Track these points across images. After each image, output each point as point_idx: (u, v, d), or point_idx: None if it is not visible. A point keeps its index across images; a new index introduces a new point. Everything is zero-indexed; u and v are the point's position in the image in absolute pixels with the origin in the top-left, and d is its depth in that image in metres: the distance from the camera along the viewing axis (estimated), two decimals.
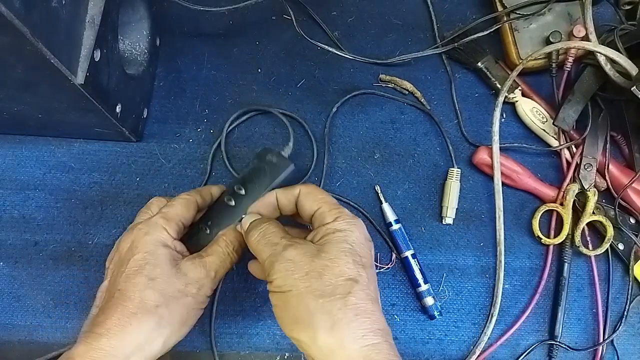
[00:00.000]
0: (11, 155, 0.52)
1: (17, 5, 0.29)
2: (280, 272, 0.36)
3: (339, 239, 0.37)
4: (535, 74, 0.56)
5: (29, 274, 0.49)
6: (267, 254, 0.38)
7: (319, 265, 0.36)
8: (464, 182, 0.53)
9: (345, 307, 0.35)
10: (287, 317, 0.36)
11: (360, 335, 0.34)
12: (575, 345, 0.51)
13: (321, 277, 0.35)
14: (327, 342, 0.34)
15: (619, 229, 0.52)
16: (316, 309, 0.34)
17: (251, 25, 0.57)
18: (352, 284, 0.36)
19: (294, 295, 0.35)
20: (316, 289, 0.35)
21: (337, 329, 0.34)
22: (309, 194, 0.42)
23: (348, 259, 0.37)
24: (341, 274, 0.36)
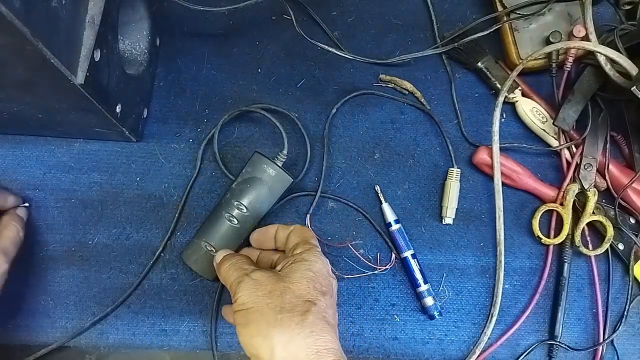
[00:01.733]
0: (11, 155, 0.52)
1: (17, 5, 0.29)
2: (244, 290, 0.39)
3: (303, 266, 0.40)
4: (535, 74, 0.56)
5: (29, 274, 0.49)
6: (234, 277, 0.40)
7: (281, 286, 0.39)
8: (464, 182, 0.53)
9: (302, 322, 0.37)
10: (248, 334, 0.38)
11: (314, 351, 0.36)
12: (575, 345, 0.51)
13: (282, 295, 0.38)
14: (282, 357, 0.36)
15: (619, 229, 0.52)
16: (275, 322, 0.37)
17: (251, 25, 0.57)
18: (310, 305, 0.38)
19: (255, 310, 0.38)
20: (277, 305, 0.37)
21: (293, 344, 0.36)
22: (298, 230, 0.45)
23: (309, 284, 0.39)
24: (301, 296, 0.38)
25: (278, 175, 0.47)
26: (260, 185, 0.47)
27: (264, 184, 0.47)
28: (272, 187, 0.48)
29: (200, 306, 0.50)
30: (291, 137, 0.54)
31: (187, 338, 0.49)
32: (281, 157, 0.49)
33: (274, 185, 0.48)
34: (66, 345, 0.48)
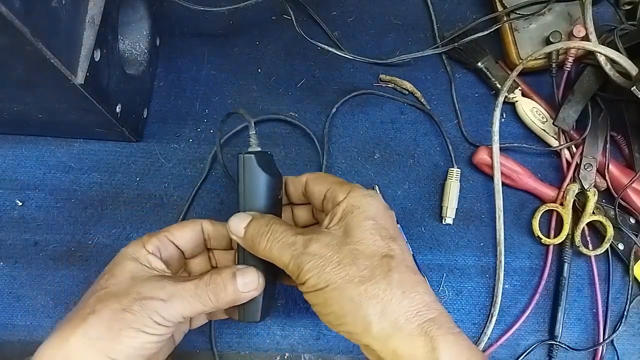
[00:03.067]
0: (11, 155, 0.52)
1: (17, 5, 0.29)
2: (310, 271, 0.34)
3: (358, 217, 0.35)
4: (535, 74, 0.56)
5: (29, 274, 0.49)
6: (287, 258, 0.35)
7: (347, 251, 0.34)
8: (464, 182, 0.53)
9: (389, 286, 0.33)
10: (332, 314, 0.34)
11: (414, 313, 0.32)
12: (575, 345, 0.51)
13: (355, 262, 0.33)
14: (380, 329, 0.32)
15: (619, 229, 0.52)
16: (361, 297, 0.32)
17: (251, 25, 0.57)
18: (389, 261, 0.34)
19: (332, 289, 0.33)
20: (354, 277, 0.33)
21: (389, 312, 0.32)
22: (316, 178, 0.40)
23: (375, 236, 0.34)
24: (374, 253, 0.34)
25: (242, 161, 0.39)
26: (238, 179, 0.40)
27: (239, 176, 0.40)
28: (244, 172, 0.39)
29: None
30: (291, 137, 0.54)
31: (187, 338, 0.48)
32: (252, 142, 0.40)
33: (243, 171, 0.39)
34: None
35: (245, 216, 0.38)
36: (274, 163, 0.41)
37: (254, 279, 0.38)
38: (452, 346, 0.32)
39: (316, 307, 0.35)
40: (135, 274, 0.37)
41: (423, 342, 0.32)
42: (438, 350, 0.32)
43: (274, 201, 0.40)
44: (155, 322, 0.35)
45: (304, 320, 0.50)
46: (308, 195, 0.40)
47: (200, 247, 0.43)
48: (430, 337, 0.32)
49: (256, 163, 0.39)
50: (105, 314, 0.34)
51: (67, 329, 0.34)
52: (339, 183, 0.38)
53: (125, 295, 0.35)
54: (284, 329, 0.49)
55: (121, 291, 0.35)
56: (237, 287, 0.37)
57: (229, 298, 0.37)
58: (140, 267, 0.38)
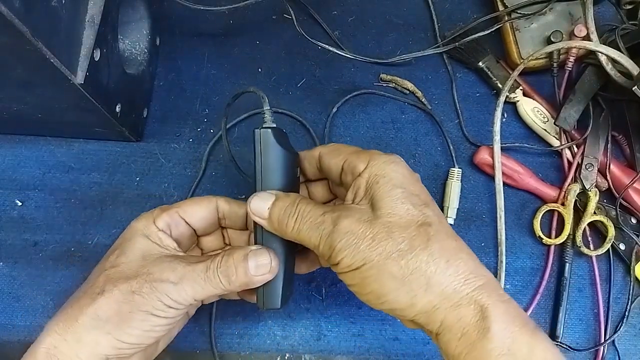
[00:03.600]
0: (11, 155, 0.52)
1: (17, 5, 0.29)
2: (343, 251, 0.32)
3: (385, 186, 0.33)
4: (536, 74, 0.56)
5: (29, 274, 0.49)
6: (317, 238, 0.33)
7: (380, 225, 0.32)
8: (464, 182, 0.53)
9: (431, 256, 0.31)
10: (372, 293, 0.32)
11: (462, 281, 0.31)
12: (577, 346, 0.51)
13: (390, 236, 0.31)
14: (427, 302, 0.31)
15: (620, 229, 0.52)
16: (402, 272, 0.31)
17: (251, 25, 0.57)
18: (427, 229, 0.32)
19: (370, 267, 0.31)
20: (391, 252, 0.31)
21: (435, 284, 0.31)
22: (331, 151, 0.38)
23: (406, 204, 0.32)
24: (409, 223, 0.32)
25: (257, 137, 0.37)
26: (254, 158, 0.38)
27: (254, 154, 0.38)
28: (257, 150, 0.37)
29: (199, 306, 0.49)
30: (292, 137, 0.54)
31: (187, 338, 0.49)
32: (267, 119, 0.39)
33: (257, 149, 0.37)
34: None
35: (268, 196, 0.35)
36: (288, 140, 0.39)
37: (266, 261, 0.36)
38: (503, 314, 0.31)
39: (353, 288, 0.33)
40: (146, 253, 0.36)
41: (472, 310, 0.31)
42: (489, 318, 0.30)
43: (293, 179, 0.38)
44: (165, 305, 0.34)
45: (305, 320, 0.50)
46: (324, 169, 0.38)
47: (214, 225, 0.41)
48: (479, 305, 0.31)
49: (274, 138, 0.37)
50: (114, 296, 0.34)
51: (76, 307, 0.34)
52: (355, 152, 0.36)
53: (135, 276, 0.34)
54: (285, 330, 0.49)
55: (131, 271, 0.35)
56: (248, 270, 0.35)
57: (241, 281, 0.35)
58: (151, 245, 0.37)
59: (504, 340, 0.30)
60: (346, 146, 0.38)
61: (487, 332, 0.30)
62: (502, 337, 0.30)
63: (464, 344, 0.31)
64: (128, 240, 0.37)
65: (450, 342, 0.31)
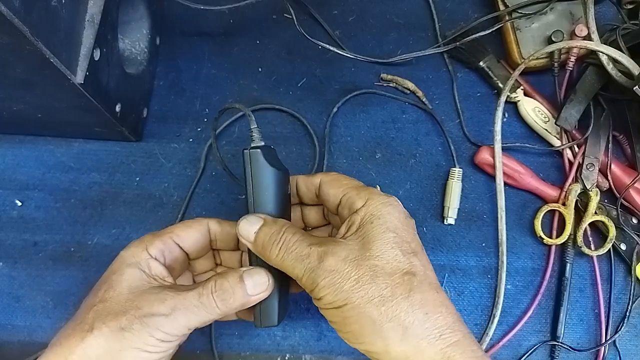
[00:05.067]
0: (11, 155, 0.52)
1: (16, 5, 0.29)
2: (327, 288, 0.32)
3: (378, 228, 0.33)
4: (537, 74, 0.56)
5: (29, 274, 0.49)
6: (301, 271, 0.33)
7: (366, 267, 0.32)
8: (465, 182, 0.53)
9: (411, 307, 0.31)
10: (351, 333, 0.33)
11: (437, 336, 0.31)
12: (578, 346, 0.50)
13: (374, 280, 0.32)
14: (401, 351, 0.31)
15: (621, 229, 0.52)
16: (381, 318, 0.31)
17: (252, 24, 0.57)
18: (411, 279, 0.32)
19: (351, 308, 0.32)
20: (373, 296, 0.31)
21: (410, 335, 0.31)
22: (332, 181, 0.38)
23: (396, 250, 0.33)
24: (395, 270, 0.32)
25: (246, 158, 0.37)
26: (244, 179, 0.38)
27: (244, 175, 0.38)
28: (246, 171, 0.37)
29: None
30: (292, 137, 0.54)
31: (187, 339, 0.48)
32: (255, 137, 0.38)
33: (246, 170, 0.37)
34: None
35: (256, 220, 0.36)
36: (278, 157, 0.39)
37: (263, 280, 0.36)
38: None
39: (334, 324, 0.34)
40: (133, 285, 0.35)
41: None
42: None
43: (284, 198, 0.38)
44: (157, 339, 0.33)
45: (305, 321, 0.49)
46: (322, 198, 0.38)
47: (206, 248, 0.41)
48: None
49: (263, 158, 0.37)
50: (104, 334, 0.33)
51: (65, 346, 0.34)
52: (355, 188, 0.36)
53: (123, 312, 0.33)
54: (285, 330, 0.49)
55: (119, 307, 0.34)
56: (246, 290, 0.35)
57: (238, 303, 0.35)
58: (139, 275, 0.36)
59: None
60: (347, 178, 0.38)
61: None
62: None
63: None
64: (115, 273, 0.36)
65: None
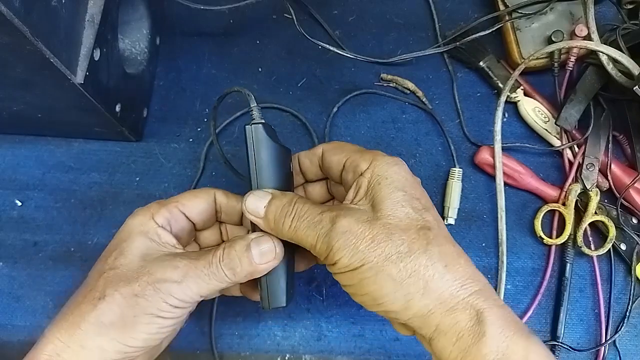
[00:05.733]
0: (11, 155, 0.52)
1: (16, 5, 0.29)
2: (342, 250, 0.31)
3: (387, 188, 0.33)
4: (537, 74, 0.56)
5: (29, 274, 0.49)
6: (314, 237, 0.32)
7: (380, 226, 0.31)
8: (465, 182, 0.53)
9: (430, 260, 0.31)
10: (369, 295, 0.32)
11: (458, 287, 0.31)
12: (578, 346, 0.50)
13: (390, 238, 0.31)
14: (423, 305, 0.30)
15: (621, 229, 0.52)
16: (401, 275, 0.30)
17: (252, 24, 0.57)
18: (426, 232, 0.32)
19: (369, 268, 0.31)
20: (391, 253, 0.31)
21: (432, 289, 0.30)
22: (334, 148, 0.37)
23: (407, 208, 0.32)
24: (409, 227, 0.31)
25: (247, 133, 0.37)
26: None
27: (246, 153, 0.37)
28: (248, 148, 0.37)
29: (199, 307, 0.49)
30: (292, 137, 0.54)
31: (187, 339, 0.48)
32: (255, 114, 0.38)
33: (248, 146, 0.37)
34: None
35: (264, 194, 0.35)
36: (277, 136, 0.39)
37: (270, 247, 0.35)
38: (499, 318, 0.31)
39: (350, 289, 0.33)
40: (145, 253, 0.35)
41: (468, 315, 0.31)
42: (485, 323, 0.30)
43: (288, 175, 0.38)
44: (171, 305, 0.33)
45: (305, 321, 0.49)
46: (325, 166, 0.38)
47: (212, 219, 0.40)
48: (475, 310, 0.31)
49: (265, 133, 0.36)
50: (116, 300, 0.33)
51: (77, 314, 0.33)
52: (359, 151, 0.36)
53: (136, 278, 0.33)
54: (285, 330, 0.49)
55: (131, 273, 0.34)
56: (253, 259, 0.34)
57: (246, 271, 0.34)
58: (150, 243, 0.35)
59: (499, 345, 0.30)
60: (349, 144, 0.38)
61: (483, 336, 0.30)
62: (497, 341, 0.30)
63: (458, 348, 0.31)
64: (125, 240, 0.36)
65: (444, 347, 0.31)
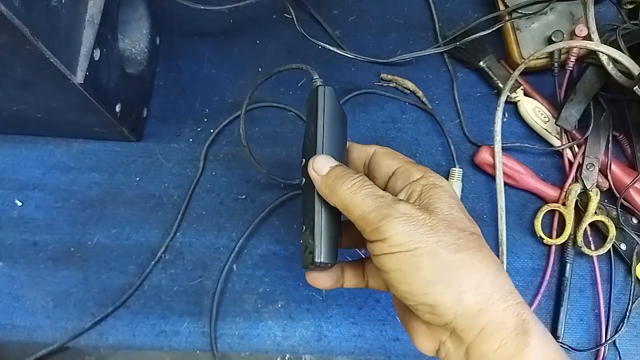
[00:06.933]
0: (11, 155, 0.52)
1: (16, 5, 0.29)
2: (399, 227, 0.30)
3: (442, 194, 0.33)
4: (537, 74, 0.56)
5: (29, 274, 0.49)
6: (371, 207, 0.31)
7: (440, 219, 0.31)
8: (465, 182, 0.53)
9: (484, 260, 0.31)
10: (419, 280, 0.30)
11: (508, 292, 0.30)
12: (578, 346, 0.50)
13: (449, 230, 0.31)
14: (474, 301, 0.30)
15: (621, 229, 0.52)
16: (455, 264, 0.30)
17: (252, 24, 0.57)
18: (479, 239, 0.32)
19: (424, 252, 0.30)
20: (450, 243, 0.30)
21: (485, 285, 0.30)
22: (388, 152, 0.38)
23: (461, 214, 0.33)
24: (464, 228, 0.32)
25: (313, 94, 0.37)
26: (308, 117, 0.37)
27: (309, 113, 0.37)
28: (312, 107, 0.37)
29: (200, 307, 0.49)
30: (292, 137, 0.54)
31: (187, 339, 0.48)
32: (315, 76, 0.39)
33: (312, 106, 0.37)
34: (66, 346, 0.48)
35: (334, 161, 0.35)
36: None
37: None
38: (542, 333, 0.30)
39: (395, 274, 0.31)
40: None
41: (515, 322, 0.30)
42: (530, 333, 0.29)
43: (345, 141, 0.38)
44: None
45: (305, 321, 0.49)
46: (373, 167, 0.38)
47: None
48: (522, 319, 0.30)
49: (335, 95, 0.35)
50: None
51: None
52: (411, 162, 0.36)
53: None
54: (285, 330, 0.49)
55: None
56: None
57: None
58: None
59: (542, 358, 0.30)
60: (402, 155, 0.38)
61: (526, 346, 0.29)
62: (538, 355, 0.30)
63: (499, 357, 0.30)
64: None
65: (485, 354, 0.30)
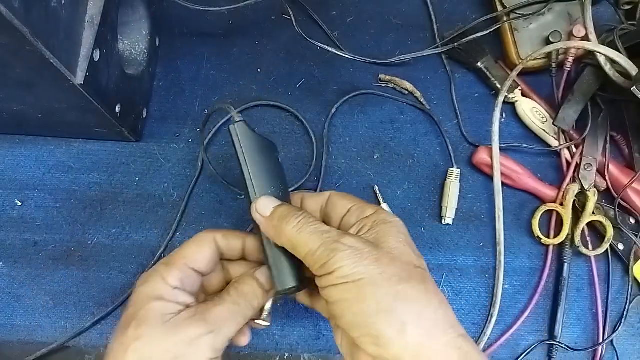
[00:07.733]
0: (11, 155, 0.52)
1: (16, 5, 0.29)
2: (344, 260, 0.31)
3: (391, 229, 0.34)
4: (535, 74, 0.56)
5: (29, 274, 0.49)
6: (317, 244, 0.33)
7: (385, 252, 0.32)
8: (463, 182, 0.53)
9: (426, 293, 0.31)
10: (363, 311, 0.31)
11: (449, 325, 0.31)
12: (575, 346, 0.51)
13: (393, 263, 0.32)
14: (417, 334, 0.30)
15: (619, 229, 0.52)
16: (398, 295, 0.31)
17: (251, 25, 0.57)
18: (424, 273, 0.33)
19: (368, 283, 0.31)
20: (392, 275, 0.31)
21: (426, 319, 0.31)
22: (343, 195, 0.39)
23: (408, 249, 0.34)
24: (409, 262, 0.33)
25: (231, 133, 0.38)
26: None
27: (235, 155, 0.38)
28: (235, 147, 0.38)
29: None
30: (291, 137, 0.54)
31: None
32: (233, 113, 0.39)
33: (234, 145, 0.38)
34: (66, 346, 0.48)
35: (275, 200, 0.37)
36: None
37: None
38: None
39: (340, 304, 0.32)
40: (166, 317, 0.34)
41: (457, 356, 0.30)
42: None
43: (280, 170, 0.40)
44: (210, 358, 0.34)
45: (304, 320, 0.50)
46: (329, 209, 0.39)
47: (216, 263, 0.41)
48: (464, 352, 0.31)
49: (250, 129, 0.38)
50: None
51: None
52: (365, 202, 0.38)
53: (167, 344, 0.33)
54: (283, 329, 0.49)
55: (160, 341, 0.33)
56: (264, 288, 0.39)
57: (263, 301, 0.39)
58: (169, 305, 0.35)
59: None
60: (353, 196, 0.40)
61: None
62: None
63: None
64: (142, 308, 0.35)
65: None
